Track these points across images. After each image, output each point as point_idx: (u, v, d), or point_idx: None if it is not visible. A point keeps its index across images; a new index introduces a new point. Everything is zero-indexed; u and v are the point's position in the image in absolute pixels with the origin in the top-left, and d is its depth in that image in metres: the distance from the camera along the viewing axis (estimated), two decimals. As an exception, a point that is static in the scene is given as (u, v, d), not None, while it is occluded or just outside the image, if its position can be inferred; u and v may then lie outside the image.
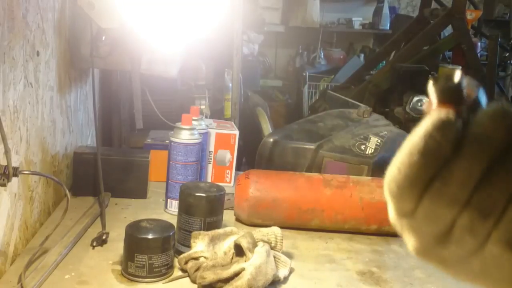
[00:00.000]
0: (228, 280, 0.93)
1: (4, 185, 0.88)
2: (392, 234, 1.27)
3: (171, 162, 1.30)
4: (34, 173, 1.12)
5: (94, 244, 1.09)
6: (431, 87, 0.36)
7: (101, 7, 1.26)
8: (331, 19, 5.07)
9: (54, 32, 1.27)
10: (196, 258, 0.99)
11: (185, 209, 1.09)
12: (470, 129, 0.33)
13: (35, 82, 1.13)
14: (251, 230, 1.04)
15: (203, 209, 1.08)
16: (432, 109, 0.35)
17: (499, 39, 3.60)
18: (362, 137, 1.43)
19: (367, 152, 1.38)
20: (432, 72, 3.24)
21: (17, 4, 1.01)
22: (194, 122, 1.35)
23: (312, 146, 1.41)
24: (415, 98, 3.05)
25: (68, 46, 1.40)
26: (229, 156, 1.51)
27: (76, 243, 1.10)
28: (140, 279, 0.97)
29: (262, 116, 2.91)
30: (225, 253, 1.01)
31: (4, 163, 0.88)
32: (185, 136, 1.29)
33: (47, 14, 1.21)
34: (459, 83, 0.34)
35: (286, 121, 4.08)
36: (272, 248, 1.02)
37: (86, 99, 1.64)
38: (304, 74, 4.54)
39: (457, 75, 0.35)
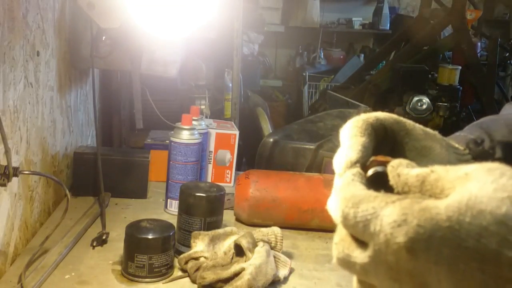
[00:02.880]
0: (228, 280, 0.93)
1: (4, 185, 0.88)
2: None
3: (171, 162, 1.30)
4: (34, 173, 1.12)
5: (94, 244, 1.09)
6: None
7: (101, 7, 1.26)
8: (331, 19, 5.06)
9: (54, 32, 1.27)
10: (196, 258, 0.99)
11: (185, 209, 1.09)
12: None
13: (35, 82, 1.13)
14: (251, 230, 1.04)
15: (203, 209, 1.08)
16: None
17: (499, 39, 3.60)
18: (362, 137, 1.43)
19: (367, 152, 1.38)
20: (432, 72, 3.24)
21: (17, 4, 1.01)
22: (194, 122, 1.35)
23: (312, 146, 1.41)
24: (415, 98, 3.06)
25: (68, 46, 1.40)
26: (229, 156, 1.51)
27: (76, 243, 1.10)
28: (140, 279, 0.97)
29: (262, 116, 2.91)
30: (225, 253, 1.01)
31: (4, 163, 0.88)
32: (185, 136, 1.29)
33: (47, 14, 1.21)
34: None
35: (286, 121, 4.08)
36: (272, 248, 1.03)
37: (86, 99, 1.64)
38: (304, 74, 4.54)
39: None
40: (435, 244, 0.29)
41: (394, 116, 0.41)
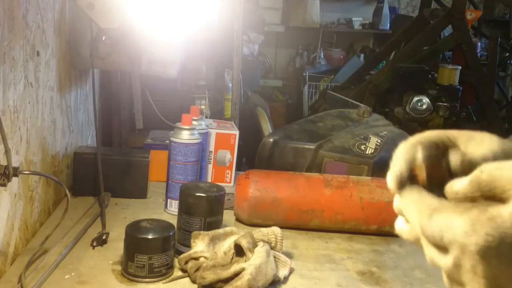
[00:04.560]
0: (228, 280, 0.93)
1: (4, 185, 0.88)
2: (392, 234, 1.27)
3: (171, 162, 1.30)
4: (34, 173, 1.12)
5: (94, 244, 1.09)
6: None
7: (101, 7, 1.26)
8: (331, 19, 5.06)
9: (54, 32, 1.27)
10: (196, 258, 0.99)
11: (185, 209, 1.09)
12: None
13: (35, 82, 1.13)
14: (251, 230, 1.04)
15: (203, 209, 1.08)
16: None
17: (499, 39, 3.59)
18: (362, 137, 1.43)
19: (367, 152, 1.38)
20: (432, 72, 3.24)
21: (17, 4, 1.01)
22: (194, 122, 1.35)
23: (312, 146, 1.41)
24: (415, 98, 3.06)
25: (68, 46, 1.41)
26: (229, 156, 1.51)
27: (76, 243, 1.10)
28: (140, 279, 0.97)
29: (262, 116, 2.91)
30: (225, 253, 1.01)
31: (4, 163, 0.88)
32: (185, 136, 1.29)
33: (47, 14, 1.21)
34: None
35: (286, 121, 4.07)
36: (272, 248, 1.03)
37: (86, 99, 1.64)
38: (304, 74, 4.53)
39: None
40: (504, 249, 0.33)
41: (441, 132, 0.43)
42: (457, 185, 0.38)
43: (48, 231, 1.07)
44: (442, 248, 0.37)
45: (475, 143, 0.41)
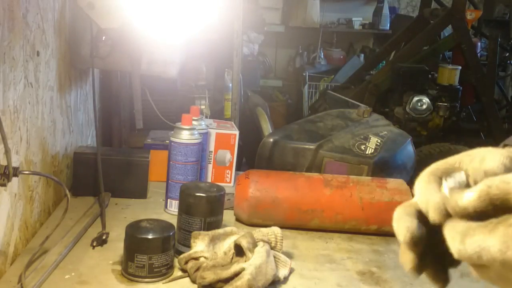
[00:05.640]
0: (228, 280, 0.93)
1: (4, 185, 0.88)
2: (392, 234, 1.27)
3: (171, 162, 1.30)
4: (34, 173, 1.12)
5: (94, 244, 1.09)
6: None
7: (101, 7, 1.26)
8: (331, 19, 5.06)
9: (54, 32, 1.27)
10: (196, 258, 0.99)
11: (185, 209, 1.09)
12: None
13: (35, 82, 1.13)
14: (251, 230, 1.04)
15: (203, 209, 1.08)
16: None
17: (499, 39, 3.59)
18: (362, 137, 1.43)
19: (367, 152, 1.38)
20: (432, 72, 3.24)
21: (17, 4, 1.01)
22: (194, 122, 1.35)
23: (312, 146, 1.41)
24: (415, 98, 3.05)
25: (68, 46, 1.41)
26: (229, 156, 1.51)
27: (76, 243, 1.10)
28: (140, 279, 0.97)
29: (262, 116, 2.91)
30: (225, 253, 1.01)
31: (4, 163, 0.88)
32: (185, 136, 1.29)
33: (47, 14, 1.21)
34: None
35: (286, 121, 4.07)
36: (272, 248, 1.03)
37: (86, 99, 1.64)
38: (304, 74, 4.53)
39: None
40: None
41: (445, 167, 0.44)
42: (464, 200, 0.39)
43: (48, 231, 1.07)
44: (482, 265, 0.39)
45: (478, 161, 0.42)
